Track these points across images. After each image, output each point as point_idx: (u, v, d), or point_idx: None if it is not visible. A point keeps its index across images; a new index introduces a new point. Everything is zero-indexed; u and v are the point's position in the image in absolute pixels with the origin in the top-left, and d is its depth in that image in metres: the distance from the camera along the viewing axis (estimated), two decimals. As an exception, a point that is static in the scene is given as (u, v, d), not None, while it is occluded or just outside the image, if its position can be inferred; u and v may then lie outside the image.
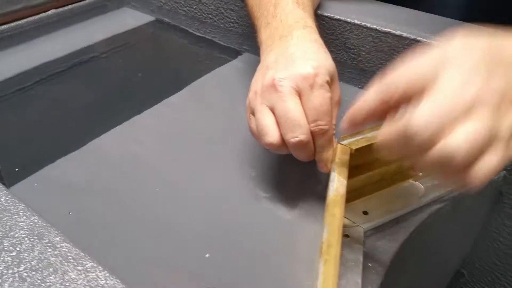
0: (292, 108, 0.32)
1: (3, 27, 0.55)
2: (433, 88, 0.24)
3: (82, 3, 0.64)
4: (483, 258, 0.52)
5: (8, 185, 0.36)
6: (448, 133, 0.23)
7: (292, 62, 0.34)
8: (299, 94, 0.33)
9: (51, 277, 0.19)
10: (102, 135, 0.43)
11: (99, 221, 0.34)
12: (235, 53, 0.59)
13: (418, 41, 0.45)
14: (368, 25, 0.48)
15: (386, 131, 0.26)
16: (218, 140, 0.44)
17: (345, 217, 0.36)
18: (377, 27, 0.47)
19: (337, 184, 0.31)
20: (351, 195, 0.38)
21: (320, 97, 0.33)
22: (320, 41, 0.38)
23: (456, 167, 0.23)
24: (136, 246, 0.32)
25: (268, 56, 0.37)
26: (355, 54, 0.51)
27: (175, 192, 0.38)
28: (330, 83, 0.34)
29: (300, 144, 0.33)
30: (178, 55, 0.61)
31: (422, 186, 0.40)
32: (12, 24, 0.56)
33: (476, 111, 0.23)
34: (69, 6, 0.64)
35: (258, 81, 0.36)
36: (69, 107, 0.50)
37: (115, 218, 0.34)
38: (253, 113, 0.35)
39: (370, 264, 0.34)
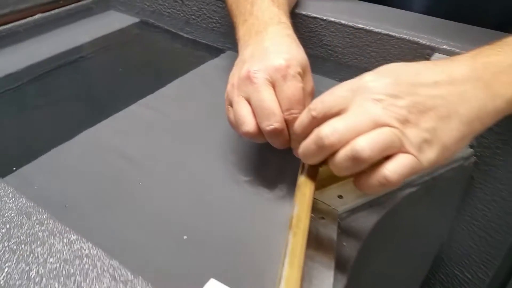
0: (266, 98, 0.35)
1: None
2: (346, 111, 0.29)
3: (68, 7, 0.66)
4: (459, 241, 0.54)
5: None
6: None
7: (266, 55, 0.36)
8: (273, 84, 0.35)
9: (38, 249, 0.20)
10: (87, 129, 0.45)
11: (85, 206, 0.36)
12: (218, 51, 0.61)
13: (389, 35, 0.48)
14: (343, 22, 0.50)
15: (306, 140, 0.31)
16: (200, 132, 0.46)
17: (321, 201, 0.39)
18: (351, 24, 0.50)
19: (309, 168, 0.33)
20: (327, 181, 0.40)
21: (292, 87, 0.35)
22: (293, 36, 0.40)
23: (363, 163, 0.28)
24: (119, 228, 0.34)
25: (245, 50, 0.39)
26: (332, 50, 0.53)
27: (157, 179, 0.40)
28: (302, 74, 0.37)
29: (275, 132, 0.35)
30: (162, 54, 0.62)
31: None
32: (0, 28, 0.58)
33: (381, 125, 0.28)
34: (56, 10, 0.66)
35: (235, 74, 0.38)
36: (56, 106, 0.51)
37: (100, 203, 0.36)
38: (231, 105, 0.37)
39: (344, 244, 0.36)
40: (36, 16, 0.64)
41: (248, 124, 0.35)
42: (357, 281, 0.39)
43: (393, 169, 0.28)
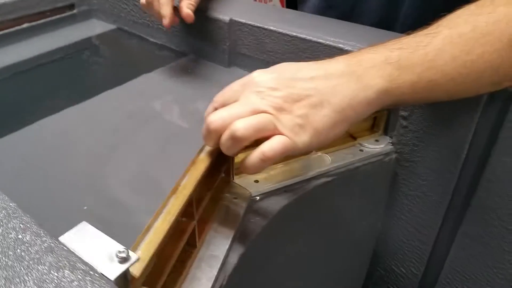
0: None
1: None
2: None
3: (53, 17, 0.74)
4: (392, 236, 0.58)
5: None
6: None
7: None
8: None
9: None
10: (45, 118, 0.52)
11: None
12: (181, 54, 0.68)
13: (319, 42, 0.53)
14: (280, 30, 0.56)
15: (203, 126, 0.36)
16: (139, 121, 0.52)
17: (238, 184, 0.43)
18: (288, 32, 0.55)
19: (209, 151, 0.38)
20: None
21: None
22: None
23: (240, 141, 0.33)
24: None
25: None
26: (274, 56, 0.58)
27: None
28: None
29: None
30: (132, 55, 0.70)
31: (329, 158, 0.48)
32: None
33: (259, 111, 0.33)
34: (42, 20, 0.73)
35: None
36: (30, 97, 0.59)
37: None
38: None
39: (252, 220, 0.41)
40: (24, 25, 0.72)
41: None
42: (271, 259, 0.43)
43: (269, 146, 0.33)
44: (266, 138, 0.33)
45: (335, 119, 0.34)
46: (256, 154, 0.33)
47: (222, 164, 0.40)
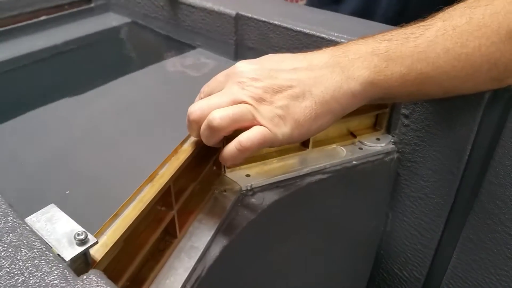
0: None
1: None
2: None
3: (70, 11, 0.76)
4: (395, 239, 0.56)
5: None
6: None
7: None
8: None
9: None
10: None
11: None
12: (190, 48, 0.68)
13: (322, 37, 0.52)
14: (285, 25, 0.55)
15: None
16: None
17: (229, 178, 0.43)
18: (291, 27, 0.54)
19: (193, 141, 0.38)
20: (246, 161, 0.44)
21: None
22: None
23: (217, 131, 0.32)
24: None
25: None
26: (280, 51, 0.57)
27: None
28: None
29: None
30: (144, 47, 0.71)
31: (344, 150, 0.47)
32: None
33: (238, 102, 0.33)
34: (59, 13, 0.75)
35: None
36: (47, 84, 0.61)
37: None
38: None
39: (240, 214, 0.40)
40: (42, 18, 0.74)
41: None
42: (259, 254, 0.43)
43: (246, 136, 0.32)
44: (247, 129, 0.33)
45: (317, 111, 0.33)
46: (233, 144, 0.32)
47: (211, 156, 0.40)
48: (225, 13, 0.60)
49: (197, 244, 0.36)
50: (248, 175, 0.44)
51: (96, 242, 0.24)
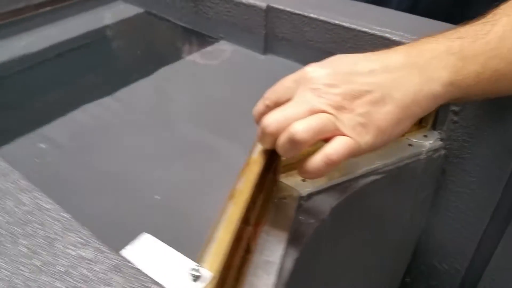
0: None
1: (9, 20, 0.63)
2: (291, 99, 0.32)
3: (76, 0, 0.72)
4: (437, 233, 0.56)
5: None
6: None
7: None
8: None
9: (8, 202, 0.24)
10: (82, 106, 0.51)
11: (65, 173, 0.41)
12: (213, 40, 0.65)
13: (363, 32, 0.50)
14: (322, 18, 0.53)
15: (258, 128, 0.34)
16: (179, 113, 0.51)
17: (285, 184, 0.42)
18: (330, 20, 0.52)
19: (262, 151, 0.36)
20: (293, 166, 0.43)
21: None
22: None
23: (300, 144, 0.30)
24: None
25: None
26: (314, 45, 0.56)
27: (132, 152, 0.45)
28: None
29: None
30: (161, 41, 0.68)
31: (394, 149, 0.46)
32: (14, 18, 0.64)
33: (316, 111, 0.31)
34: (66, 3, 0.71)
35: None
36: (62, 83, 0.58)
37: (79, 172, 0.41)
38: None
39: (303, 222, 0.39)
40: (47, 8, 0.70)
41: None
42: (318, 262, 0.42)
43: (333, 148, 0.31)
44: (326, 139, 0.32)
45: (398, 116, 0.32)
46: (320, 158, 0.31)
47: (271, 163, 0.39)
48: (254, 5, 0.58)
49: (271, 258, 0.34)
50: (303, 180, 0.42)
51: (213, 277, 0.22)
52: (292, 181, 0.42)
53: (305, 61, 0.57)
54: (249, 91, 0.54)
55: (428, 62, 0.33)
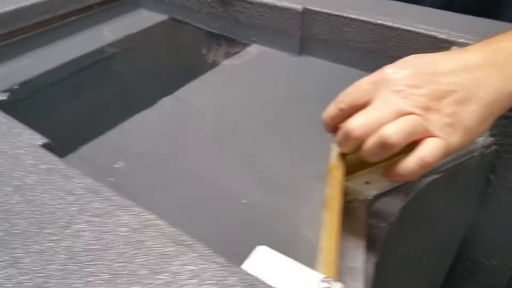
0: None
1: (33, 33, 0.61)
2: (371, 103, 0.32)
3: (99, 8, 0.70)
4: (485, 229, 0.55)
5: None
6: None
7: None
8: None
9: (109, 221, 0.23)
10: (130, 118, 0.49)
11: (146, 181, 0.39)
12: (243, 45, 0.64)
13: (408, 30, 0.50)
14: (363, 18, 0.53)
15: (338, 133, 0.33)
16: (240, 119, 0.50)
17: (350, 187, 0.41)
18: (372, 20, 0.52)
19: (340, 155, 0.35)
20: (354, 168, 0.42)
21: None
22: None
23: (391, 148, 0.30)
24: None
25: None
26: (354, 45, 0.55)
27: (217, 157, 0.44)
28: None
29: None
30: (189, 49, 0.66)
31: None
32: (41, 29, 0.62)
33: (404, 113, 0.30)
34: (88, 12, 0.70)
35: None
36: (94, 98, 0.56)
37: (163, 179, 0.40)
38: None
39: (375, 225, 0.39)
40: (72, 18, 0.68)
41: None
42: (386, 264, 0.41)
43: (427, 150, 0.30)
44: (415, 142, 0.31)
45: (483, 115, 0.32)
46: (413, 160, 0.30)
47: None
48: (290, 8, 0.57)
49: (355, 264, 0.34)
50: (367, 182, 0.41)
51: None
52: (356, 184, 0.41)
53: (344, 61, 0.58)
54: (294, 91, 0.54)
55: (505, 61, 0.33)
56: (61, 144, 0.36)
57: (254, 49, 0.63)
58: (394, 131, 0.29)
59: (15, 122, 0.32)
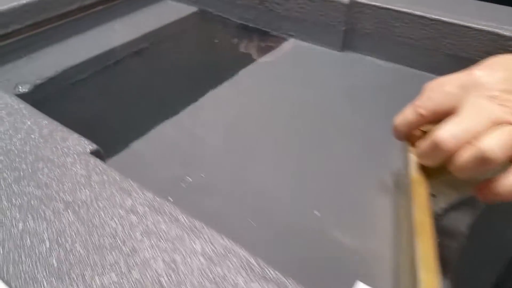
0: None
1: (60, 22, 0.58)
2: (460, 108, 0.28)
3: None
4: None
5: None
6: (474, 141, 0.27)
7: None
8: None
9: (180, 247, 0.20)
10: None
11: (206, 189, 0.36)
12: (280, 40, 0.60)
13: (467, 26, 0.46)
14: (417, 13, 0.49)
15: (421, 144, 0.30)
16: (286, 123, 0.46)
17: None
18: (427, 15, 0.48)
19: (418, 168, 0.32)
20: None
21: None
22: None
23: (491, 165, 0.26)
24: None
25: None
26: (405, 41, 0.51)
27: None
28: None
29: None
30: (222, 44, 0.63)
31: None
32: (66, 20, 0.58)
33: (499, 123, 0.27)
34: (115, 2, 0.66)
35: None
36: (127, 95, 0.52)
37: (221, 186, 0.37)
38: None
39: (445, 243, 0.35)
40: (98, 8, 0.64)
41: None
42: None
43: None
44: None
45: None
46: None
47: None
48: (335, 0, 0.53)
49: None
50: (433, 195, 0.38)
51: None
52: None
53: (392, 58, 0.54)
54: (338, 90, 0.50)
55: None
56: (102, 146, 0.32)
57: (292, 44, 0.59)
58: (495, 145, 0.26)
59: (57, 125, 0.29)
